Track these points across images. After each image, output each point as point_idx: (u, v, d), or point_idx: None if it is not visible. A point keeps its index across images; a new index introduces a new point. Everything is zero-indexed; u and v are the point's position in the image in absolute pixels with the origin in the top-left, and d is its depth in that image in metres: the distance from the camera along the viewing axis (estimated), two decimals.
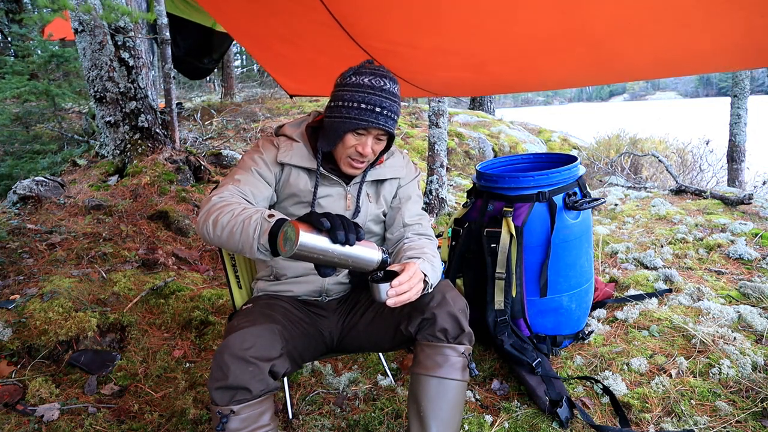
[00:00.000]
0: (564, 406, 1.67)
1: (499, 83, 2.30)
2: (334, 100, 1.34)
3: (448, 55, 1.84)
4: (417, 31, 1.66)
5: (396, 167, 1.52)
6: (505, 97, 39.76)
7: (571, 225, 2.00)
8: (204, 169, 4.14)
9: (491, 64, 1.90)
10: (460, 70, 2.03)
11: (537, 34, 1.52)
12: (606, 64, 1.76)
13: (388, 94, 1.31)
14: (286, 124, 1.49)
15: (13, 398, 1.79)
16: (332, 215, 1.07)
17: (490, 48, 1.71)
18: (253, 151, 1.43)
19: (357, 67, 1.35)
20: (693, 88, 71.98)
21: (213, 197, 1.27)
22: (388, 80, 1.33)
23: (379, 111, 1.29)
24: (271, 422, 1.24)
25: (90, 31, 3.59)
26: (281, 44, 2.10)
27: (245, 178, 1.36)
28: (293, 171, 1.42)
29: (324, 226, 1.04)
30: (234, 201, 1.25)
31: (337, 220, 1.06)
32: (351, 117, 1.30)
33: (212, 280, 2.89)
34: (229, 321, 1.41)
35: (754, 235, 2.96)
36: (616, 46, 1.54)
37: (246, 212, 1.17)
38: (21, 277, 2.46)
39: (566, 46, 1.57)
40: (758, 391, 1.68)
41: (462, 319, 1.29)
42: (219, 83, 11.20)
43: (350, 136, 1.33)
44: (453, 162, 6.52)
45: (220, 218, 1.19)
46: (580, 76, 2.02)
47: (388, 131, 1.33)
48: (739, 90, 5.87)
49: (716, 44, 1.45)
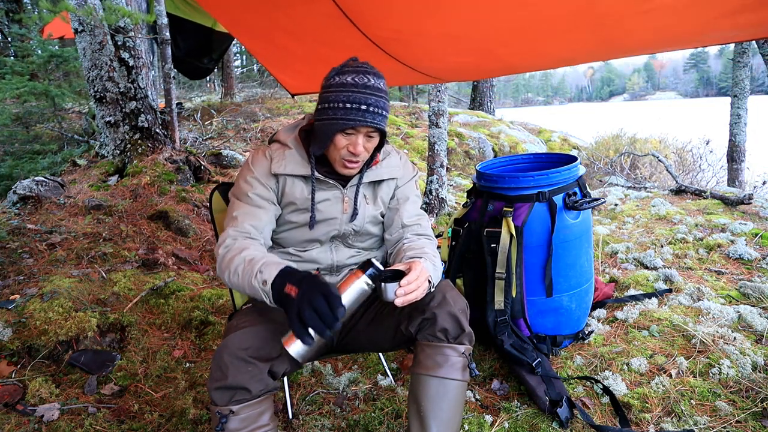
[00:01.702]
0: (564, 406, 1.67)
1: (506, 66, 2.29)
2: (321, 103, 1.33)
3: (454, 40, 1.84)
4: (423, 17, 1.66)
5: (393, 167, 1.51)
6: (505, 97, 39.87)
7: (571, 225, 2.00)
8: (204, 169, 4.14)
9: (497, 47, 1.89)
10: (466, 54, 2.03)
11: (546, 16, 1.52)
12: (614, 41, 1.76)
13: (374, 90, 1.29)
14: (280, 129, 1.49)
15: (13, 398, 1.79)
16: (304, 305, 1.06)
17: (496, 32, 1.71)
18: (246, 170, 1.43)
19: (340, 66, 1.33)
20: (693, 88, 72.06)
21: (219, 250, 1.31)
22: (372, 76, 1.31)
23: (365, 109, 1.28)
24: (270, 422, 1.24)
25: (90, 31, 3.59)
26: (284, 37, 2.10)
27: (243, 213, 1.37)
28: (288, 180, 1.41)
29: (303, 334, 1.05)
30: (235, 252, 1.27)
31: (310, 315, 1.05)
32: (338, 118, 1.28)
33: (212, 280, 2.89)
34: (229, 321, 1.41)
35: (754, 235, 2.96)
36: (624, 24, 1.53)
37: (246, 276, 1.21)
38: (21, 277, 2.46)
39: (575, 26, 1.56)
40: (758, 391, 1.68)
41: (462, 319, 1.29)
42: (219, 83, 11.21)
43: (340, 137, 1.32)
44: (453, 162, 6.52)
45: (232, 279, 1.25)
46: (587, 54, 2.01)
47: (378, 128, 1.32)
48: (739, 90, 5.86)
49: (721, 12, 1.44)
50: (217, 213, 1.72)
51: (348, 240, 1.49)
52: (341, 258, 1.49)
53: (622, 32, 1.62)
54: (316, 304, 1.05)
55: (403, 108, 8.55)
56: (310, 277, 1.13)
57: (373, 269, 1.14)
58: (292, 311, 1.07)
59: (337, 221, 1.44)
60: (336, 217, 1.44)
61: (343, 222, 1.45)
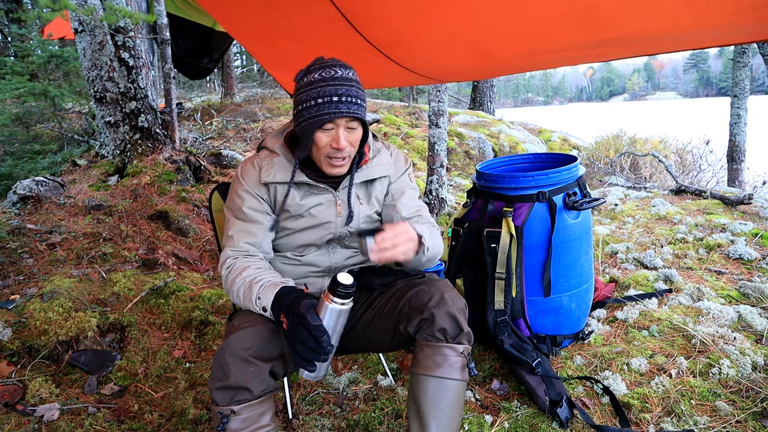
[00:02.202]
0: (564, 406, 1.67)
1: (504, 66, 2.29)
2: (295, 107, 1.33)
3: (452, 42, 1.84)
4: (420, 20, 1.65)
5: (383, 165, 1.48)
6: (506, 97, 39.87)
7: (571, 225, 2.00)
8: (204, 169, 4.14)
9: (495, 49, 1.89)
10: (464, 56, 2.03)
11: (544, 18, 1.51)
12: (612, 43, 1.75)
13: (342, 80, 1.27)
14: (268, 136, 1.48)
15: (13, 398, 1.79)
16: (294, 341, 1.11)
17: (494, 33, 1.71)
18: (236, 183, 1.44)
19: (306, 67, 1.33)
20: (693, 88, 72.06)
21: (222, 271, 1.36)
22: (338, 68, 1.29)
23: (337, 100, 1.26)
24: (271, 422, 1.24)
25: (90, 31, 3.59)
26: (283, 39, 2.10)
27: (238, 231, 1.39)
28: (279, 187, 1.41)
29: (304, 366, 1.13)
30: (236, 274, 1.32)
31: (301, 350, 1.11)
32: (312, 115, 1.27)
33: (212, 280, 2.89)
34: (229, 321, 1.41)
35: (754, 235, 2.96)
36: (622, 25, 1.53)
37: (248, 300, 1.27)
38: (21, 277, 2.46)
39: (574, 28, 1.56)
40: (758, 391, 1.68)
41: (461, 319, 1.29)
42: (219, 83, 11.21)
43: (320, 135, 1.30)
44: (453, 162, 6.52)
45: (236, 300, 1.32)
46: (585, 55, 2.01)
47: (355, 116, 1.29)
48: (739, 90, 5.86)
49: (722, 13, 1.44)
50: (217, 213, 1.72)
51: (345, 241, 1.49)
52: (339, 260, 1.49)
53: (620, 33, 1.62)
54: (302, 339, 1.10)
55: (403, 108, 8.55)
56: (294, 305, 1.15)
57: (340, 288, 1.13)
58: (289, 345, 1.13)
59: (332, 225, 1.44)
60: (330, 220, 1.43)
61: (339, 225, 1.44)
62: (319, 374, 1.17)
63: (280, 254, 1.48)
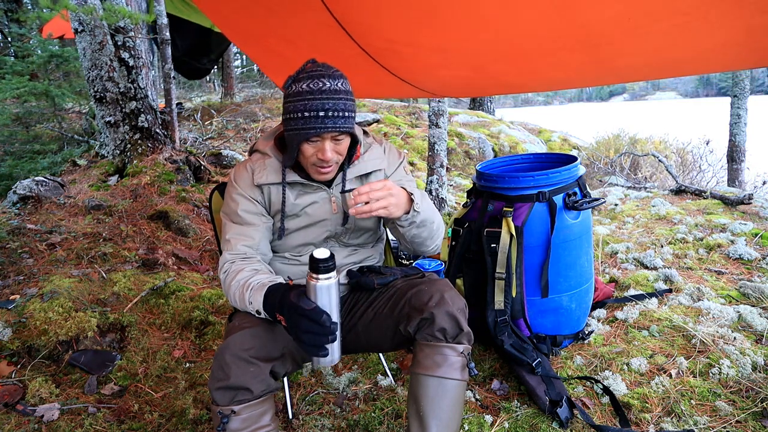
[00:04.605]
0: (564, 406, 1.67)
1: (499, 83, 2.29)
2: (284, 114, 1.33)
3: (446, 53, 1.84)
4: (416, 29, 1.66)
5: (375, 159, 1.48)
6: (505, 98, 39.74)
7: (571, 225, 2.00)
8: (204, 169, 4.14)
9: (491, 63, 1.89)
10: (459, 69, 2.03)
11: (537, 33, 1.52)
12: (606, 63, 1.76)
13: (330, 93, 1.25)
14: (259, 138, 1.49)
15: (13, 398, 1.79)
16: (298, 334, 1.11)
17: (490, 47, 1.71)
18: (231, 187, 1.44)
19: (295, 73, 1.31)
20: (693, 88, 71.98)
21: (220, 275, 1.37)
22: (328, 78, 1.26)
23: (323, 115, 1.25)
24: (271, 422, 1.24)
25: (90, 31, 3.59)
26: (280, 44, 2.10)
27: (235, 234, 1.40)
28: (272, 188, 1.42)
29: (315, 354, 1.12)
30: (231, 278, 1.32)
31: (307, 339, 1.10)
32: (299, 128, 1.27)
33: (212, 280, 2.89)
34: (229, 321, 1.41)
35: (754, 235, 2.96)
36: (617, 46, 1.54)
37: (242, 303, 1.27)
38: (21, 277, 2.46)
39: (567, 45, 1.57)
40: (758, 391, 1.68)
41: (461, 319, 1.29)
42: (219, 83, 11.20)
43: (306, 146, 1.31)
44: (453, 162, 6.52)
45: (233, 304, 1.33)
46: (580, 77, 2.02)
47: (341, 131, 1.28)
48: (739, 90, 5.87)
49: (716, 43, 1.45)
50: (217, 213, 1.72)
51: (342, 239, 1.49)
52: (338, 258, 1.49)
53: (615, 54, 1.62)
54: (304, 327, 1.09)
55: (403, 108, 8.55)
56: (285, 300, 1.14)
57: (320, 264, 1.10)
58: (295, 340, 1.13)
59: (328, 222, 1.45)
60: (326, 218, 1.44)
61: (335, 222, 1.45)
62: (334, 358, 1.15)
63: (278, 255, 1.48)
